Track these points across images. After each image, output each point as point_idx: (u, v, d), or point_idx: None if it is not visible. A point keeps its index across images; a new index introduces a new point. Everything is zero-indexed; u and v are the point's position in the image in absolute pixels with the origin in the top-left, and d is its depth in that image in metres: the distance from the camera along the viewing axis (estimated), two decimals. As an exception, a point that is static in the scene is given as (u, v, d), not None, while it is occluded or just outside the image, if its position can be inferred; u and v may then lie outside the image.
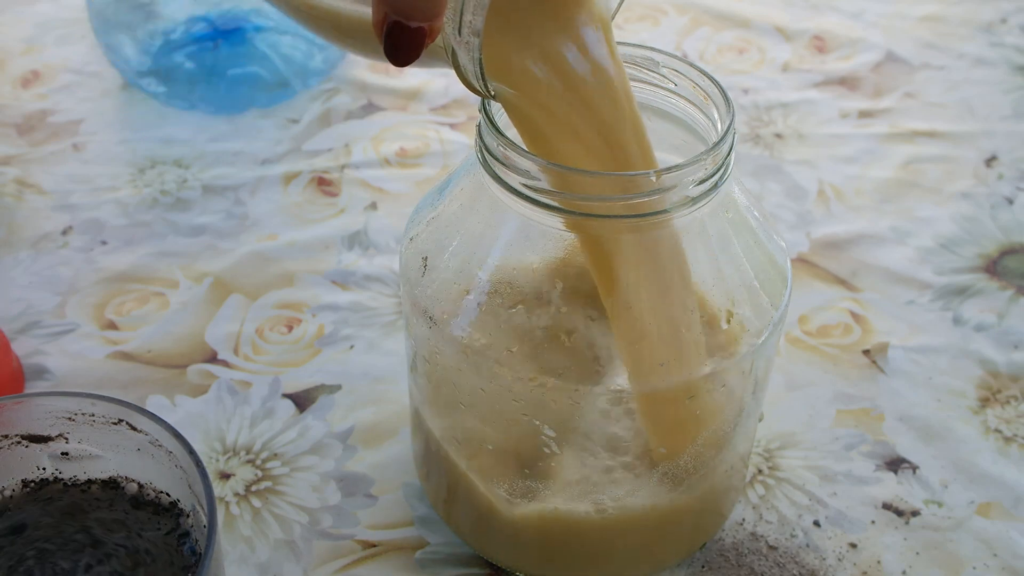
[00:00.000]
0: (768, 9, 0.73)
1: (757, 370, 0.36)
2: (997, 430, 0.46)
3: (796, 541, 0.42)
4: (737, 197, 0.35)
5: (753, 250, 0.35)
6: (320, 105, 0.64)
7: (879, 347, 0.49)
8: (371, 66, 0.67)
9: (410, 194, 0.58)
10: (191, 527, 0.32)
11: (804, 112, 0.64)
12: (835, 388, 0.48)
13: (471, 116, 0.63)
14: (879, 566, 0.41)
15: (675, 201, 0.32)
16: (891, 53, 0.69)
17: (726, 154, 0.33)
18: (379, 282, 0.53)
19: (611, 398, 0.34)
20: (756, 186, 0.59)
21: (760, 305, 0.35)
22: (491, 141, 0.33)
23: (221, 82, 0.61)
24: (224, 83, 0.61)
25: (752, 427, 0.39)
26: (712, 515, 0.40)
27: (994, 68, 0.68)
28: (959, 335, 0.50)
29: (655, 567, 0.40)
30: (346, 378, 0.48)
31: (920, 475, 0.44)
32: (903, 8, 0.73)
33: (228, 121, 0.62)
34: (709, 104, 0.35)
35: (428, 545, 0.41)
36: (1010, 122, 0.64)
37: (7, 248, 0.55)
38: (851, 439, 0.45)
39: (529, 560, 0.40)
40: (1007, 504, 0.43)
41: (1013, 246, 0.55)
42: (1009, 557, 0.41)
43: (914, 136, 0.62)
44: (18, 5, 0.73)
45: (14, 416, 0.32)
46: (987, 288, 0.53)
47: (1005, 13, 0.73)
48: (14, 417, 0.32)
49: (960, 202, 0.58)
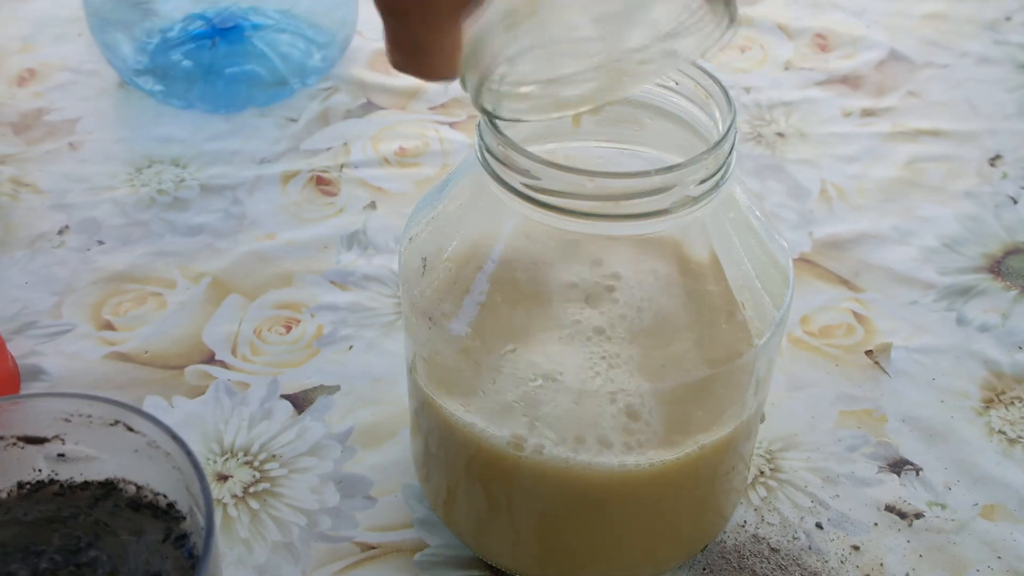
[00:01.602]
0: (770, 7, 0.73)
1: (759, 371, 0.36)
2: (1001, 431, 0.46)
3: (798, 543, 0.41)
4: (739, 197, 0.35)
5: (755, 250, 0.35)
6: (319, 104, 0.64)
7: (882, 348, 0.49)
8: (370, 64, 0.67)
9: (409, 194, 0.58)
10: (189, 529, 0.32)
11: (806, 111, 0.64)
12: (837, 389, 0.47)
13: (471, 115, 0.63)
14: (882, 569, 0.41)
15: (676, 201, 0.32)
16: (894, 51, 0.69)
17: (727, 153, 0.33)
18: (378, 282, 0.52)
19: (612, 398, 0.34)
20: (758, 185, 0.58)
21: (762, 305, 0.35)
22: (491, 140, 0.32)
23: (219, 81, 0.61)
24: (222, 82, 0.61)
25: (754, 428, 0.39)
26: (713, 517, 0.40)
27: (998, 66, 0.68)
28: (963, 336, 0.50)
29: (656, 569, 0.40)
30: (345, 379, 0.48)
31: (923, 477, 0.44)
32: (906, 6, 0.73)
33: (226, 120, 0.62)
34: (710, 103, 0.35)
35: (428, 547, 0.41)
36: (1014, 121, 0.63)
37: (3, 248, 0.54)
38: (854, 440, 0.45)
39: (529, 562, 0.40)
40: (1011, 506, 0.43)
41: (1017, 246, 0.55)
42: (1013, 559, 0.41)
43: (917, 135, 0.62)
44: (14, 3, 0.73)
45: (10, 417, 0.32)
46: (991, 288, 0.52)
47: (1009, 11, 0.73)
48: (10, 418, 0.32)
49: (964, 201, 0.58)
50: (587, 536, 0.38)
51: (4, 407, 0.32)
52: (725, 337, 0.34)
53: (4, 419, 0.32)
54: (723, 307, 0.34)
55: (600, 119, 0.37)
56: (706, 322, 0.34)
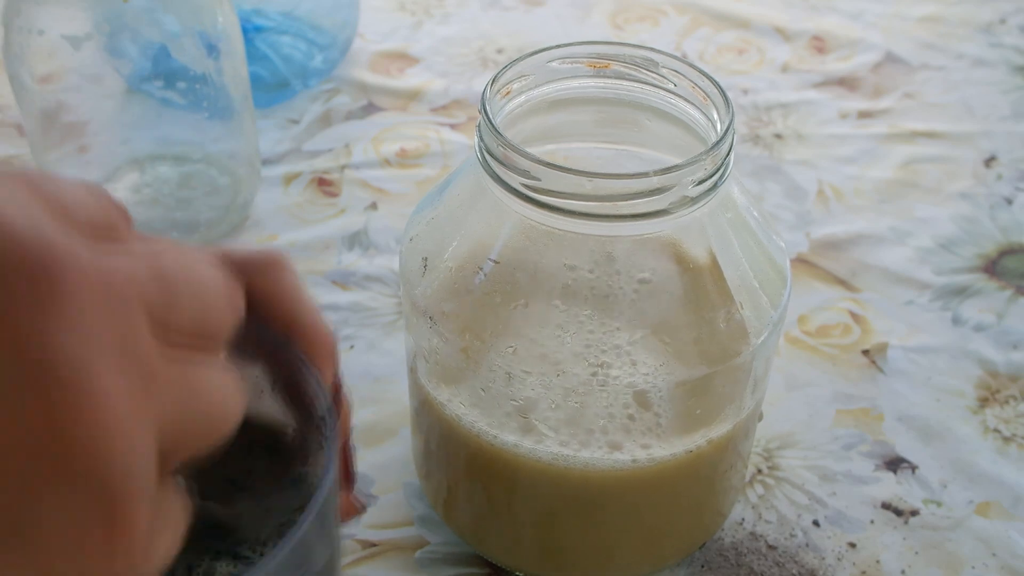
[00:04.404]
0: (767, 10, 0.73)
1: (756, 370, 0.36)
2: (996, 430, 0.46)
3: (795, 541, 0.42)
4: (736, 197, 0.35)
5: (752, 250, 0.35)
6: (320, 106, 0.64)
7: (878, 347, 0.50)
8: (371, 66, 0.67)
9: (410, 194, 0.58)
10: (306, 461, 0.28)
11: (803, 112, 0.64)
12: (834, 388, 0.48)
13: (471, 116, 0.64)
14: (878, 566, 0.41)
15: (674, 201, 0.32)
16: (890, 54, 0.69)
17: (725, 154, 0.33)
18: (379, 282, 0.53)
19: (611, 397, 0.34)
20: (755, 186, 0.59)
21: (759, 305, 0.35)
22: (491, 141, 0.33)
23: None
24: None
25: (751, 427, 0.39)
26: (712, 514, 0.40)
27: (993, 68, 0.68)
28: (958, 335, 0.50)
29: (655, 566, 0.40)
30: (346, 378, 0.48)
31: (919, 475, 0.44)
32: (902, 9, 0.74)
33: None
34: (708, 104, 0.35)
35: (428, 544, 0.42)
36: (1009, 122, 0.64)
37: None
38: (850, 439, 0.46)
39: (529, 559, 0.40)
40: (1006, 504, 0.43)
41: (1012, 246, 0.55)
42: (1008, 556, 0.41)
43: (913, 136, 0.63)
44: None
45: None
46: (986, 288, 0.53)
47: (1004, 13, 0.73)
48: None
49: (959, 202, 0.58)
50: (586, 533, 0.38)
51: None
52: (723, 336, 0.34)
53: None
54: (721, 307, 0.34)
55: (599, 120, 0.38)
56: (704, 321, 0.34)
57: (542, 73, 0.36)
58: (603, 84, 0.37)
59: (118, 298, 0.19)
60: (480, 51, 0.69)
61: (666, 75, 0.36)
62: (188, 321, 0.20)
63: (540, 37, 0.70)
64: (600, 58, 0.36)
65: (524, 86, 0.36)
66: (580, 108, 0.37)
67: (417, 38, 0.70)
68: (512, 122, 0.36)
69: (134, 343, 0.19)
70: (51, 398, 0.17)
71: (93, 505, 0.18)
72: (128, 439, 0.18)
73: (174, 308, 0.20)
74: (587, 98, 0.37)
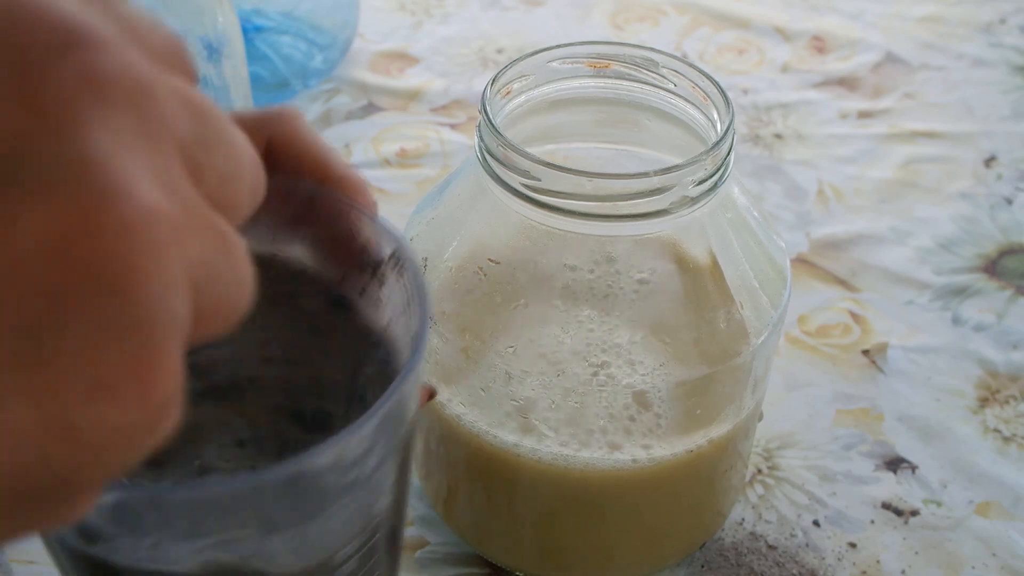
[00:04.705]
0: (767, 10, 0.73)
1: (756, 370, 0.36)
2: (996, 430, 0.46)
3: (795, 541, 0.42)
4: (736, 197, 0.35)
5: (752, 250, 0.35)
6: (320, 106, 0.64)
7: (878, 347, 0.50)
8: (371, 66, 0.67)
9: (410, 194, 0.58)
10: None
11: (803, 112, 0.64)
12: (834, 388, 0.48)
13: (471, 116, 0.64)
14: (878, 566, 0.41)
15: (675, 201, 0.32)
16: (890, 54, 0.69)
17: (725, 154, 0.33)
18: (379, 282, 0.53)
19: (611, 397, 0.34)
20: (755, 186, 0.59)
21: (759, 305, 0.35)
22: (491, 141, 0.33)
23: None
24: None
25: (751, 427, 0.39)
26: (712, 514, 0.40)
27: (993, 69, 0.68)
28: (958, 335, 0.50)
29: (655, 566, 0.40)
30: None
31: (919, 475, 0.44)
32: (902, 9, 0.74)
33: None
34: (708, 104, 0.35)
35: (428, 545, 0.42)
36: (1009, 122, 0.64)
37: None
38: (850, 439, 0.46)
39: (529, 559, 0.40)
40: (1006, 504, 0.43)
41: (1012, 246, 0.55)
42: (1008, 556, 0.41)
43: (913, 136, 0.63)
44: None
45: None
46: (986, 288, 0.53)
47: (1004, 14, 0.73)
48: None
49: (959, 202, 0.58)
50: (586, 533, 0.38)
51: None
52: (723, 336, 0.34)
53: None
54: (721, 307, 0.34)
55: (599, 120, 0.38)
56: (704, 322, 0.34)
57: (542, 73, 0.36)
58: (603, 84, 0.37)
59: (156, 116, 0.16)
60: (480, 51, 0.69)
61: (666, 75, 0.36)
62: (217, 176, 0.17)
63: (540, 37, 0.70)
64: (600, 58, 0.37)
65: (524, 86, 0.36)
66: (580, 108, 0.37)
67: (417, 38, 0.70)
68: (512, 122, 0.36)
69: (171, 168, 0.16)
70: (83, 190, 0.14)
71: (122, 331, 0.15)
72: (166, 267, 0.15)
73: (210, 152, 0.17)
74: (587, 98, 0.37)
